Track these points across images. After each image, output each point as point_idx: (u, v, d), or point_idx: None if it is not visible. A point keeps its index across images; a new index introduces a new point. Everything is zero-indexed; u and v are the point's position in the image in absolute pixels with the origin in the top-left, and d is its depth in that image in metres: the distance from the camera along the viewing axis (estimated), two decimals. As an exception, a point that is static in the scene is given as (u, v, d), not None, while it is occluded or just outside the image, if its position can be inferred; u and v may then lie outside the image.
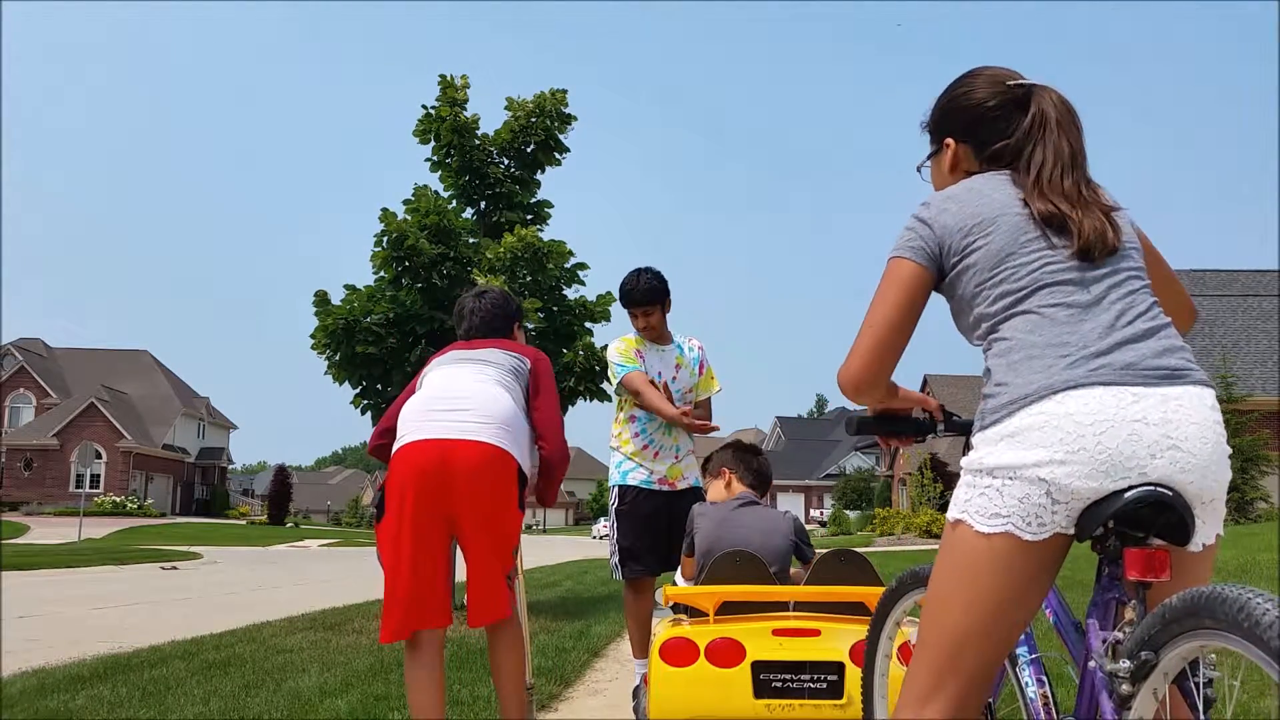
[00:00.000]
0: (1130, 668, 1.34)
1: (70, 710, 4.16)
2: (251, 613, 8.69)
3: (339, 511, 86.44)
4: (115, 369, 54.76)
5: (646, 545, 4.18)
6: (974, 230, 1.67)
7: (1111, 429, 1.45)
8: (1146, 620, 1.34)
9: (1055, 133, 1.72)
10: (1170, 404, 1.48)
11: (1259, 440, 21.98)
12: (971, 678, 1.55)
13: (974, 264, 1.66)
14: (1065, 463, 1.45)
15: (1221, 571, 8.06)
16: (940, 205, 1.72)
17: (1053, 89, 1.79)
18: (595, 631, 7.07)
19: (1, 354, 51.20)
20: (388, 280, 8.82)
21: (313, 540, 36.29)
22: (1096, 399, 1.47)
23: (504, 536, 2.94)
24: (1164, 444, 1.45)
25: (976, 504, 1.53)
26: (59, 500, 45.72)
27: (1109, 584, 1.52)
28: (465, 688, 4.60)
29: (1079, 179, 1.70)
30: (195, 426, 57.50)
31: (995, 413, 1.54)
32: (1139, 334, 1.55)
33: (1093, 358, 1.51)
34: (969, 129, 1.83)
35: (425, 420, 2.93)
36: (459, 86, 9.19)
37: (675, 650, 2.90)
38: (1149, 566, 1.43)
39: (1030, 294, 1.60)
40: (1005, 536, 1.49)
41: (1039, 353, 1.54)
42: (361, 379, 8.68)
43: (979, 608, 1.52)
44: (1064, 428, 1.46)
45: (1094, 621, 1.51)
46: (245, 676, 5.04)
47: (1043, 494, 1.46)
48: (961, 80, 1.86)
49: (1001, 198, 1.69)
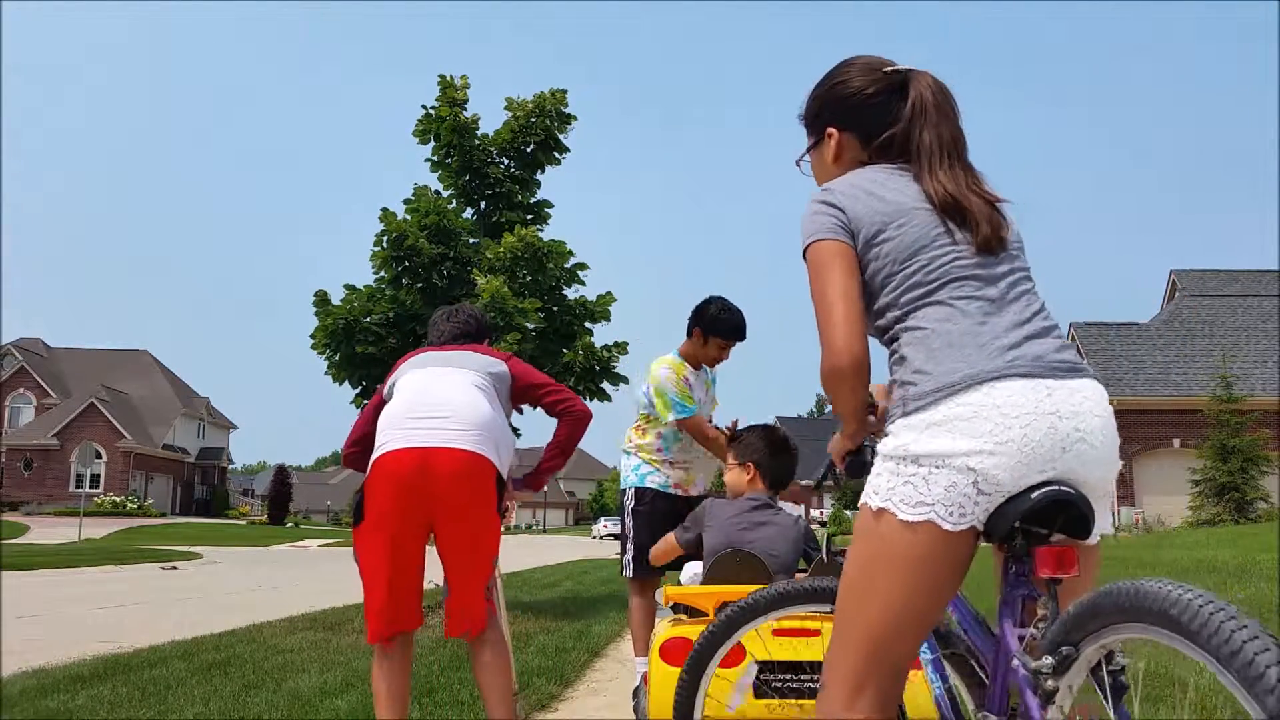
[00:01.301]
0: (1053, 663, 1.35)
1: (70, 710, 4.16)
2: (251, 613, 8.69)
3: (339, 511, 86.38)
4: (115, 369, 54.75)
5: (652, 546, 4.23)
6: (885, 220, 1.66)
7: (1034, 422, 1.47)
8: (1065, 616, 1.35)
9: (935, 118, 1.72)
10: (1077, 397, 1.51)
11: (1259, 440, 21.99)
12: (894, 673, 1.55)
13: (885, 254, 1.65)
14: (994, 454, 1.45)
15: (1221, 571, 8.06)
16: (848, 193, 1.70)
17: (927, 73, 1.78)
18: (595, 631, 7.06)
19: (1, 354, 51.18)
20: (388, 280, 8.81)
21: (313, 540, 36.28)
22: (1019, 391, 1.49)
23: (483, 544, 2.95)
24: (1074, 437, 1.49)
25: (901, 492, 1.50)
26: (59, 500, 45.71)
27: (1016, 582, 1.53)
28: (465, 688, 4.59)
29: (962, 166, 1.71)
30: (195, 426, 57.49)
31: (919, 399, 1.52)
32: (1038, 330, 1.58)
33: (1007, 349, 1.53)
34: (850, 117, 1.81)
35: (404, 428, 2.92)
36: (459, 86, 9.19)
37: (675, 650, 2.89)
38: (1060, 563, 1.46)
39: (941, 286, 1.61)
40: (928, 526, 1.47)
41: (958, 341, 1.55)
42: (361, 379, 8.68)
43: (902, 600, 1.50)
44: (993, 419, 1.47)
45: (1008, 621, 1.52)
46: (245, 676, 5.04)
47: (970, 484, 1.46)
48: (836, 70, 1.84)
49: (913, 192, 1.69)
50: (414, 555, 2.91)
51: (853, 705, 1.54)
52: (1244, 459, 21.87)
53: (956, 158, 1.71)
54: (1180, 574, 8.26)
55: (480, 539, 2.94)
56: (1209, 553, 9.75)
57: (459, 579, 2.93)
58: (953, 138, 1.72)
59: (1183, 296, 32.05)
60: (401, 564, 2.87)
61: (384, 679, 2.94)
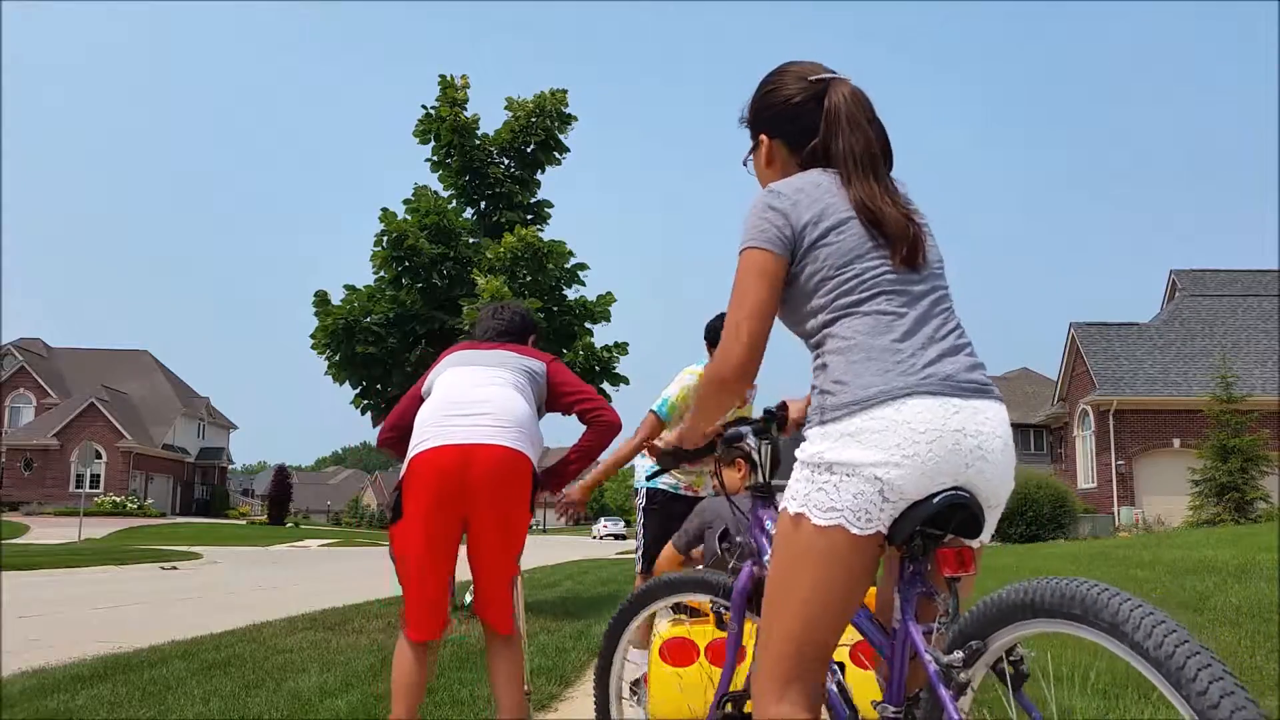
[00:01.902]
0: (963, 657, 1.43)
1: (70, 710, 4.16)
2: (251, 613, 8.69)
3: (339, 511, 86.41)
4: (115, 369, 54.74)
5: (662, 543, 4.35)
6: (825, 227, 1.70)
7: (940, 438, 1.56)
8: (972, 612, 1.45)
9: (847, 128, 1.75)
10: (980, 416, 1.60)
11: (1259, 440, 21.99)
12: (816, 667, 1.64)
13: (822, 258, 1.69)
14: (900, 465, 1.54)
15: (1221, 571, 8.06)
16: (793, 197, 1.73)
17: (846, 81, 1.80)
18: (595, 631, 7.06)
19: (1, 354, 51.18)
20: (388, 280, 8.82)
21: (313, 540, 36.28)
22: (928, 408, 1.57)
23: (516, 539, 3.01)
24: (976, 454, 1.58)
25: (815, 498, 1.59)
26: (59, 500, 45.70)
27: (913, 580, 1.62)
28: (465, 688, 4.60)
29: (876, 177, 1.73)
30: (195, 426, 57.49)
31: (835, 410, 1.60)
32: (952, 348, 1.65)
33: (922, 367, 1.60)
34: (777, 125, 1.84)
35: (444, 425, 2.93)
36: (459, 86, 9.19)
37: (675, 650, 2.90)
38: (960, 563, 1.56)
39: (871, 298, 1.66)
40: (838, 530, 1.56)
41: (876, 355, 1.61)
42: (361, 379, 8.68)
43: (818, 598, 1.59)
44: (901, 434, 1.55)
45: (909, 617, 1.60)
46: (245, 676, 5.04)
47: (876, 492, 1.55)
48: (770, 76, 1.87)
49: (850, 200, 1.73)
50: (449, 553, 2.94)
51: (782, 699, 1.62)
52: (1244, 459, 21.86)
53: (869, 169, 1.73)
54: (1180, 574, 8.25)
55: (512, 535, 2.98)
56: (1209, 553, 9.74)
57: (489, 575, 2.97)
58: (865, 148, 1.74)
59: (1183, 296, 32.05)
60: (439, 561, 2.91)
61: (406, 670, 2.94)
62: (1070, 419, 31.55)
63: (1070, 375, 31.80)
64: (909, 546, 1.60)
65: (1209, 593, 6.95)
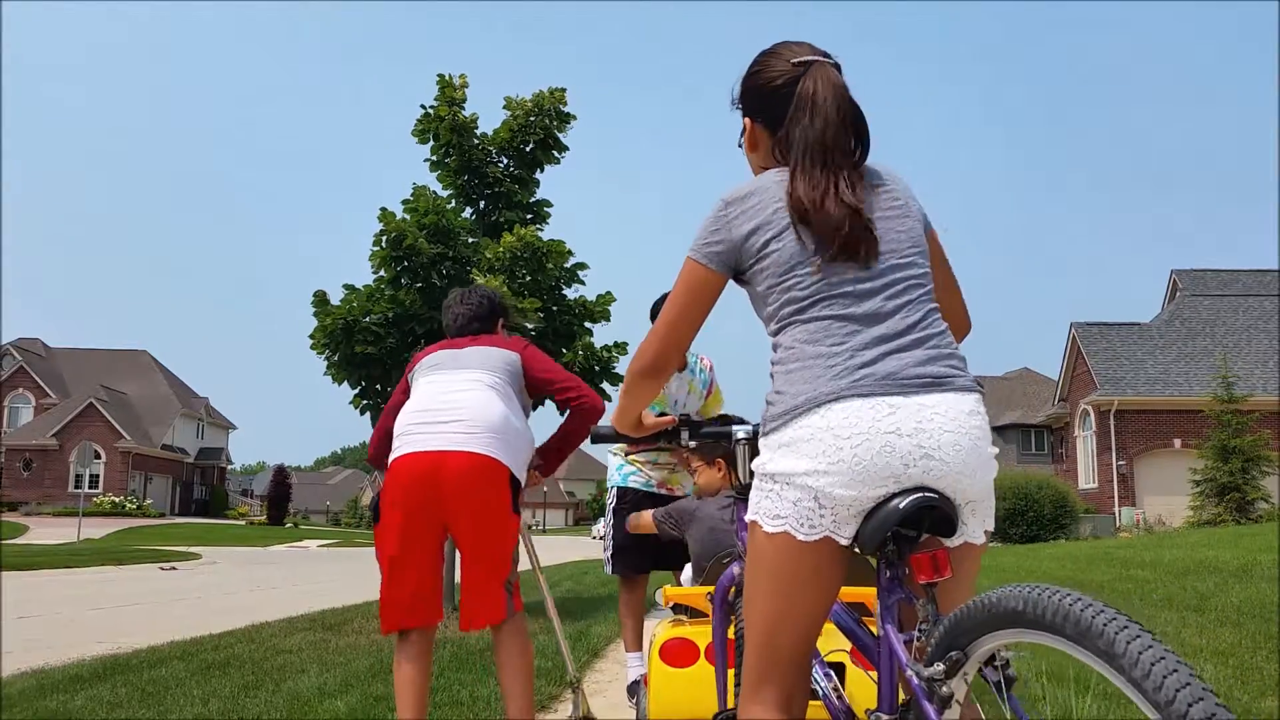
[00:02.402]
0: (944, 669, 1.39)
1: (70, 710, 4.15)
2: (251, 613, 8.68)
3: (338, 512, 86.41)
4: (114, 369, 54.75)
5: (640, 545, 4.30)
6: (767, 238, 1.67)
7: (866, 441, 1.52)
8: (951, 620, 1.40)
9: (809, 115, 1.67)
10: (925, 413, 1.54)
11: (1259, 440, 22.00)
12: (789, 666, 1.64)
13: (766, 267, 1.68)
14: (828, 472, 1.53)
15: (1221, 571, 8.06)
16: (736, 205, 1.71)
17: (829, 65, 1.72)
18: (595, 632, 7.05)
19: (1, 354, 51.17)
20: (387, 280, 8.80)
21: (312, 540, 36.28)
22: (855, 411, 1.53)
23: (496, 544, 2.98)
24: (917, 454, 1.52)
25: (764, 506, 1.61)
26: (58, 500, 45.70)
27: (891, 587, 1.59)
28: (465, 688, 4.59)
29: (829, 169, 1.65)
30: (194, 427, 57.49)
31: (773, 421, 1.62)
32: (906, 344, 1.60)
33: (856, 369, 1.57)
34: (759, 108, 1.79)
35: (417, 433, 2.98)
36: (457, 86, 9.17)
37: (675, 651, 2.89)
38: (935, 567, 1.51)
39: (812, 303, 1.63)
40: (784, 536, 1.58)
41: (810, 364, 1.60)
42: (361, 379, 8.67)
43: (775, 601, 1.61)
44: (825, 440, 1.54)
45: (890, 627, 1.56)
46: (244, 677, 5.03)
47: (811, 499, 1.55)
48: (759, 57, 1.81)
49: None
50: (427, 552, 2.96)
51: (754, 700, 1.65)
52: (1245, 459, 21.87)
53: (819, 159, 1.65)
54: (1180, 574, 8.25)
55: (491, 538, 2.97)
56: (1210, 553, 9.74)
57: (472, 576, 2.98)
58: (818, 137, 1.65)
59: (1184, 296, 32.05)
60: (414, 559, 2.94)
61: (402, 676, 2.97)
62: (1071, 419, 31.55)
63: (1071, 375, 31.80)
64: (883, 552, 1.58)
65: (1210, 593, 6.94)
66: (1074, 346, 31.04)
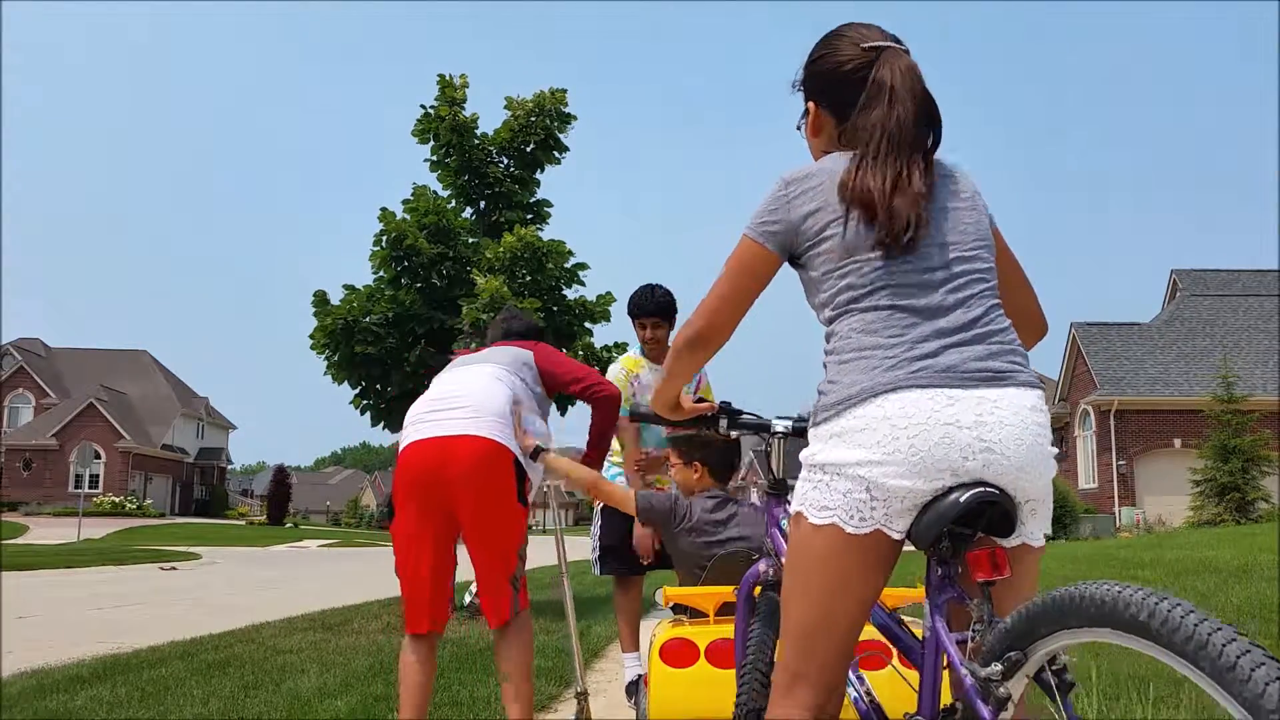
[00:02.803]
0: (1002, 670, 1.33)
1: (70, 710, 4.15)
2: (251, 613, 8.68)
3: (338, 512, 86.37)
4: (115, 369, 54.75)
5: (628, 545, 4.26)
6: (828, 217, 1.63)
7: (924, 432, 1.48)
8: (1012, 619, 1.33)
9: (888, 104, 1.63)
10: (986, 405, 1.50)
11: (1259, 440, 21.98)
12: (825, 666, 1.58)
13: (824, 252, 1.64)
14: (881, 463, 1.49)
15: (1222, 571, 8.05)
16: (797, 188, 1.67)
17: (903, 52, 1.69)
18: (595, 632, 7.05)
19: (1, 354, 51.17)
20: (387, 280, 8.81)
21: (312, 540, 36.27)
22: (912, 402, 1.50)
23: (501, 532, 2.96)
24: (977, 447, 1.48)
25: (811, 497, 1.57)
26: (58, 500, 45.70)
27: (942, 585, 1.53)
28: (465, 688, 4.59)
29: (902, 158, 1.61)
30: (194, 427, 57.50)
31: (825, 411, 1.58)
32: (967, 339, 1.56)
33: (915, 360, 1.53)
34: (825, 93, 1.75)
35: (422, 421, 2.98)
36: (458, 86, 9.18)
37: (675, 651, 2.88)
38: (993, 566, 1.45)
39: (870, 292, 1.59)
40: (832, 528, 1.53)
41: (867, 354, 1.56)
42: (360, 379, 8.68)
43: (818, 597, 1.56)
44: (881, 430, 1.50)
45: (941, 626, 1.50)
46: (244, 677, 5.03)
47: (863, 490, 1.51)
48: (826, 40, 1.77)
49: None
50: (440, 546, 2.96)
51: (786, 699, 1.59)
52: (1245, 459, 21.85)
53: (897, 149, 1.61)
54: (1180, 574, 8.25)
55: (497, 526, 2.95)
56: (1210, 553, 9.74)
57: (480, 569, 2.98)
58: (899, 126, 1.62)
59: (1184, 296, 32.05)
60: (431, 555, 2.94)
61: (409, 676, 2.96)
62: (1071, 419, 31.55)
63: (1071, 375, 31.79)
64: (936, 549, 1.52)
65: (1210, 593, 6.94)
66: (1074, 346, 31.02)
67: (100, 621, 8.30)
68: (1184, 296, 32.03)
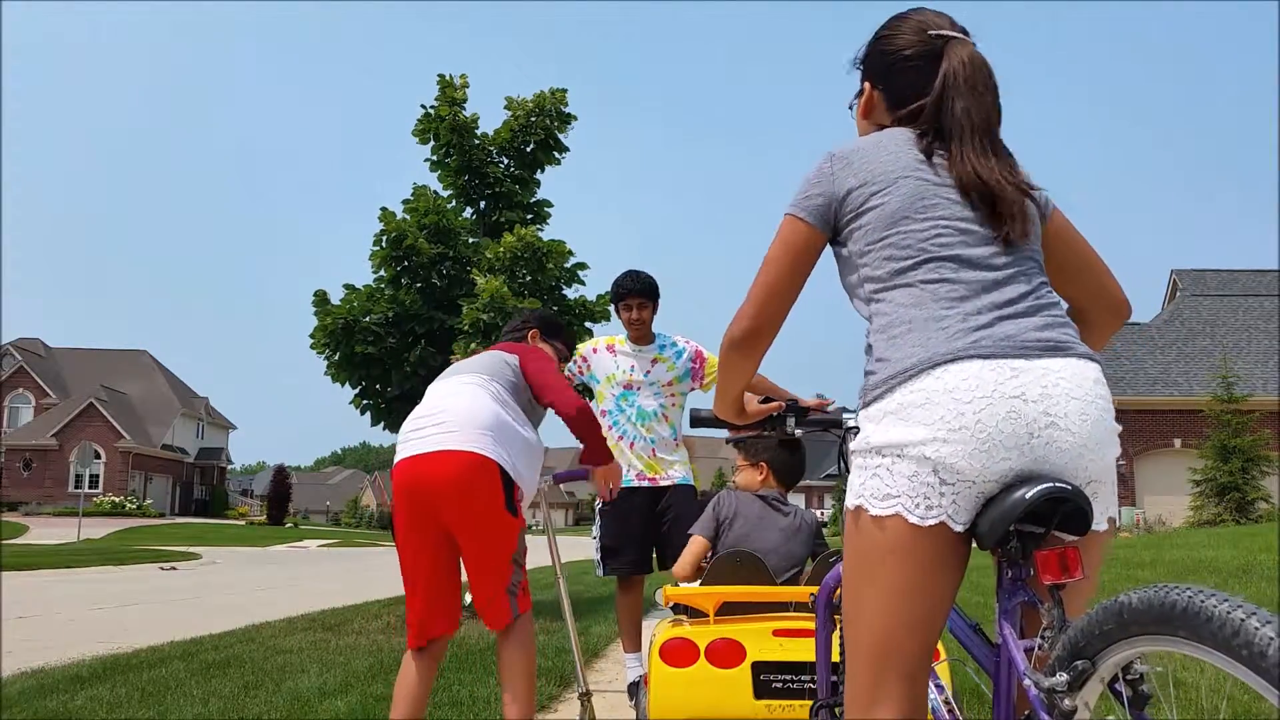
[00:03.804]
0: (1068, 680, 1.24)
1: (70, 710, 4.15)
2: (251, 613, 8.68)
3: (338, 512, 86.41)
4: (115, 369, 54.73)
5: (626, 543, 4.28)
6: (872, 189, 1.58)
7: (990, 406, 1.38)
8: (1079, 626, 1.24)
9: (965, 93, 1.61)
10: (1050, 377, 1.41)
11: (1259, 440, 21.98)
12: (909, 671, 1.45)
13: (867, 224, 1.58)
14: (948, 441, 1.38)
15: (1222, 571, 8.05)
16: (843, 160, 1.63)
17: (969, 44, 1.66)
18: (595, 632, 7.05)
19: (1, 354, 51.15)
20: (387, 280, 8.81)
21: (312, 541, 36.27)
22: (975, 373, 1.40)
23: (490, 543, 2.95)
24: (1043, 421, 1.39)
25: (870, 486, 1.45)
26: (58, 500, 45.69)
27: (1014, 588, 1.43)
28: (465, 688, 4.59)
29: (994, 149, 1.60)
30: (194, 427, 57.48)
31: (876, 389, 1.47)
32: (1023, 310, 1.48)
33: (972, 330, 1.44)
34: (883, 76, 1.72)
35: (407, 440, 3.00)
36: (458, 86, 9.18)
37: (675, 651, 2.88)
38: (1063, 567, 1.35)
39: (917, 265, 1.52)
40: (896, 520, 1.41)
41: (919, 326, 1.47)
42: (361, 379, 8.67)
43: (889, 602, 1.43)
44: (944, 404, 1.39)
45: (1009, 632, 1.41)
46: (245, 677, 5.03)
47: (930, 472, 1.39)
48: (890, 22, 1.74)
49: (906, 159, 1.60)
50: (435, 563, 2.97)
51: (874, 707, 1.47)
52: (1245, 459, 21.85)
53: (988, 139, 1.60)
54: (1180, 574, 8.25)
55: (487, 534, 2.94)
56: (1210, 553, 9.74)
57: (475, 582, 3.00)
58: (984, 117, 1.60)
59: (1184, 296, 32.05)
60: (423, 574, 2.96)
61: (404, 682, 2.97)
62: (1070, 419, 31.54)
63: (1070, 375, 31.80)
64: (1005, 549, 1.41)
65: (1210, 593, 6.94)
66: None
67: (100, 621, 8.30)
68: (1184, 296, 32.03)
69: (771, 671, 2.83)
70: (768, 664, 2.84)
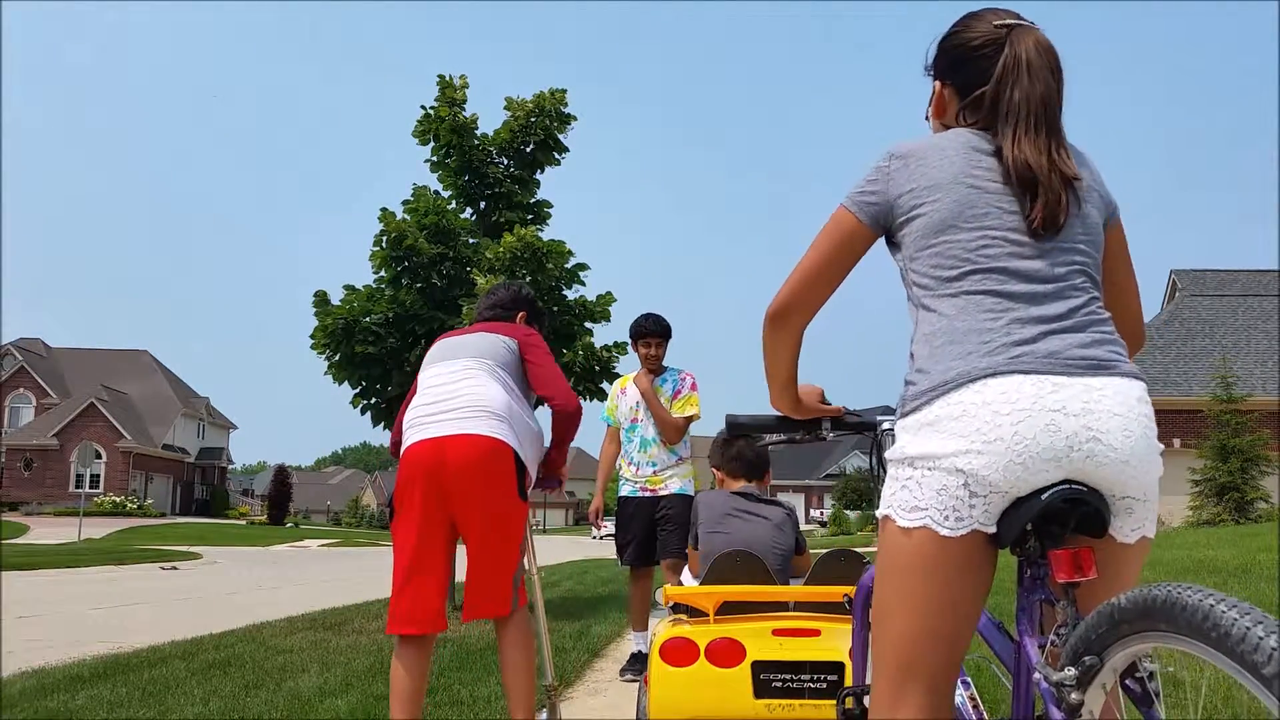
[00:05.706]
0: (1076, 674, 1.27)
1: (70, 710, 4.16)
2: (251, 613, 8.69)
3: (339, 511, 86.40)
4: (115, 369, 54.75)
5: (631, 542, 5.31)
6: (922, 194, 1.57)
7: (1029, 418, 1.38)
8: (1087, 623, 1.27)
9: (1025, 78, 1.58)
10: (1093, 394, 1.41)
11: (1259, 440, 21.98)
12: (932, 683, 1.47)
13: (915, 230, 1.58)
14: (982, 453, 1.38)
15: (1221, 572, 8.06)
16: (900, 161, 1.62)
17: (1037, 31, 1.64)
18: (595, 631, 7.05)
19: (1, 354, 51.17)
20: (387, 280, 8.82)
21: (313, 540, 36.26)
22: (1015, 387, 1.40)
23: (504, 528, 2.96)
24: (1083, 435, 1.38)
25: (899, 498, 1.46)
26: (59, 500, 45.70)
27: (1032, 586, 1.46)
28: (465, 688, 4.60)
29: (1050, 136, 1.57)
30: (195, 426, 57.50)
31: (915, 400, 1.48)
32: (1068, 326, 1.47)
33: (1014, 345, 1.44)
34: (953, 70, 1.71)
35: (421, 422, 2.99)
36: (458, 86, 9.19)
37: (675, 650, 2.89)
38: (1076, 566, 1.38)
39: (963, 276, 1.51)
40: (924, 532, 1.42)
41: (961, 338, 1.47)
42: (361, 379, 8.68)
43: (916, 612, 1.45)
44: (981, 417, 1.39)
45: (1025, 628, 1.44)
46: (245, 677, 5.03)
47: (960, 485, 1.40)
48: (962, 19, 1.73)
49: (960, 162, 1.58)
50: (440, 549, 2.95)
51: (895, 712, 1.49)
52: (1244, 459, 21.85)
53: (1043, 121, 1.57)
54: (1180, 574, 8.25)
55: (501, 520, 2.95)
56: (1209, 553, 9.75)
57: (479, 565, 2.97)
58: (1043, 101, 1.57)
59: (1183, 296, 32.05)
60: (426, 560, 2.93)
61: (398, 676, 2.96)
62: (1070, 419, 31.55)
63: (1070, 375, 31.80)
64: (1023, 549, 1.44)
65: (1209, 593, 6.94)
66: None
67: (100, 621, 8.31)
68: (1183, 296, 32.03)
69: (771, 671, 2.84)
70: (768, 663, 2.84)
